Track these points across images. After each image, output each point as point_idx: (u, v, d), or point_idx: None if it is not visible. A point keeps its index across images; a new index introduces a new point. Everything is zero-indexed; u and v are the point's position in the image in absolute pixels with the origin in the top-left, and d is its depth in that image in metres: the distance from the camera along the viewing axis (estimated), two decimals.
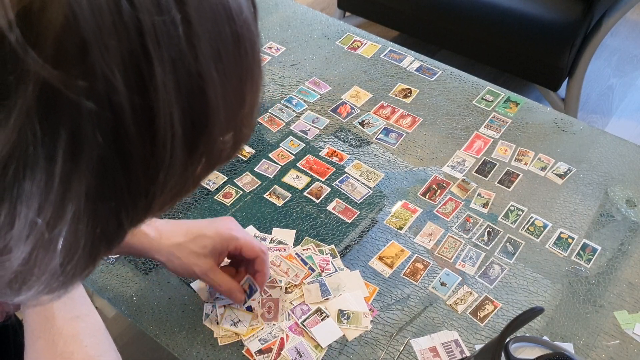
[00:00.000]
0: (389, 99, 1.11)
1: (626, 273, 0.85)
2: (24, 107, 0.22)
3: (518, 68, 2.04)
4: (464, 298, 0.82)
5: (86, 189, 0.25)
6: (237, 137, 0.30)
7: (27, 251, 0.26)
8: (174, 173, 0.27)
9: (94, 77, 0.23)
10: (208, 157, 0.29)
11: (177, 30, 0.24)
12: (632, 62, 2.46)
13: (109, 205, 0.26)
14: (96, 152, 0.24)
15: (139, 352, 1.45)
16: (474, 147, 1.02)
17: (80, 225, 0.26)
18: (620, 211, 0.93)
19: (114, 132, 0.24)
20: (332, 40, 1.25)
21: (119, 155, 0.25)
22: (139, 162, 0.26)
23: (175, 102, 0.25)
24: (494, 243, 0.89)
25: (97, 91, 0.23)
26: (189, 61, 0.25)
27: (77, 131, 0.23)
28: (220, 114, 0.28)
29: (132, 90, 0.24)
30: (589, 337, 0.78)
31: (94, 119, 0.23)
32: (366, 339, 0.78)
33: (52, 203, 0.24)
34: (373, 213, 0.93)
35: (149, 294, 0.83)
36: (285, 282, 0.82)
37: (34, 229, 0.25)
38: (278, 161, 1.01)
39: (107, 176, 0.25)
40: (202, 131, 0.27)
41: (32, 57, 0.21)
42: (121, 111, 0.24)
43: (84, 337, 0.56)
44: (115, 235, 0.28)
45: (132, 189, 0.26)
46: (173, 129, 0.26)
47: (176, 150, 0.26)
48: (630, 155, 1.01)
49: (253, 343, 0.76)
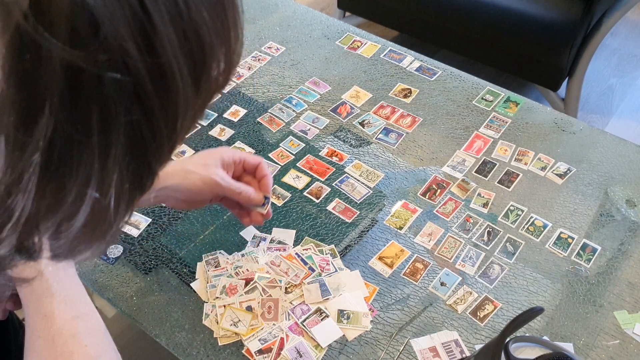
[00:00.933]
0: (389, 99, 1.11)
1: (626, 273, 0.85)
2: (57, 91, 0.24)
3: (518, 68, 2.04)
4: (464, 298, 0.82)
5: (122, 151, 0.27)
6: (229, 66, 0.32)
7: (81, 221, 0.28)
8: (187, 114, 0.30)
9: (110, 49, 0.24)
10: (208, 89, 0.31)
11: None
12: (632, 62, 2.46)
13: (142, 159, 0.29)
14: (123, 117, 0.26)
15: (139, 352, 1.45)
16: (474, 147, 1.02)
17: (123, 183, 0.29)
18: (620, 211, 0.93)
19: (135, 95, 0.26)
20: (332, 40, 1.25)
21: (143, 114, 0.27)
22: (160, 114, 0.28)
23: (179, 52, 0.27)
24: (493, 243, 0.89)
25: (116, 61, 0.24)
26: (182, 9, 0.27)
27: (105, 102, 0.25)
28: (214, 48, 0.29)
29: (143, 52, 0.25)
30: (589, 337, 0.78)
31: (118, 87, 0.25)
32: (366, 339, 0.78)
33: (97, 172, 0.27)
34: (373, 213, 0.93)
35: (149, 294, 0.83)
36: (285, 282, 0.82)
37: (86, 199, 0.27)
38: (278, 161, 1.00)
39: (137, 135, 0.27)
40: (202, 70, 0.29)
41: (52, 42, 0.23)
42: (138, 74, 0.25)
43: (83, 337, 0.56)
44: (148, 180, 0.31)
45: (158, 138, 0.29)
46: (182, 76, 0.28)
47: (187, 94, 0.29)
48: (630, 155, 1.01)
49: (253, 343, 0.76)
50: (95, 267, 0.86)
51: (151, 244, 0.89)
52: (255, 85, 1.15)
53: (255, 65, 1.19)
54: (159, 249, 0.88)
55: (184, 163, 0.76)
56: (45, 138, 0.25)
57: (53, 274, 0.58)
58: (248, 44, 1.24)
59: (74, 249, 0.31)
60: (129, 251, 0.88)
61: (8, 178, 0.25)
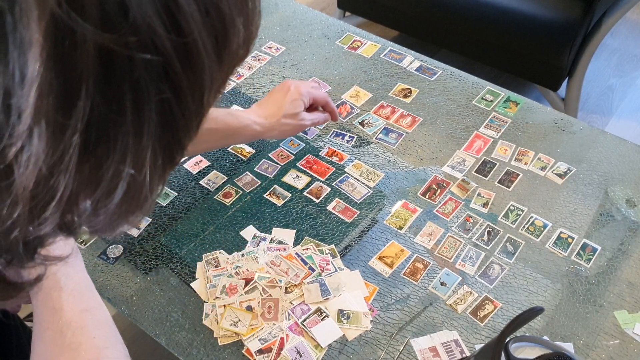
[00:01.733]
0: (389, 98, 1.11)
1: (626, 273, 0.85)
2: (91, 75, 0.25)
3: (518, 68, 2.04)
4: (464, 298, 0.82)
5: (154, 128, 0.28)
6: (247, 39, 0.33)
7: (119, 197, 0.30)
8: (212, 89, 0.31)
9: (139, 30, 0.25)
10: (230, 62, 0.32)
11: None
12: (632, 62, 2.46)
13: (172, 135, 0.30)
14: (154, 95, 0.27)
15: (139, 352, 1.45)
16: (474, 147, 1.02)
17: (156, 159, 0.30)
18: (620, 211, 0.93)
19: (165, 73, 0.27)
20: (332, 40, 1.25)
21: (172, 91, 0.28)
22: (188, 91, 0.29)
23: (202, 28, 0.28)
24: (494, 243, 0.89)
25: (145, 42, 0.25)
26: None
27: (136, 82, 0.26)
28: (234, 22, 0.30)
29: (170, 31, 0.26)
30: (589, 336, 0.78)
31: (148, 67, 0.26)
32: (366, 339, 0.78)
33: (132, 149, 0.28)
34: (373, 213, 0.93)
35: (149, 294, 0.83)
36: (285, 282, 0.82)
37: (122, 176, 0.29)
38: (278, 161, 1.00)
39: (167, 112, 0.29)
40: (224, 44, 0.30)
41: (85, 27, 0.24)
42: (166, 52, 0.26)
43: (92, 329, 0.56)
44: (179, 155, 0.32)
45: (186, 114, 0.30)
46: (207, 52, 0.28)
47: (212, 69, 0.30)
48: (630, 155, 1.01)
49: (253, 343, 0.76)
50: (95, 267, 0.86)
51: (151, 244, 0.89)
52: (255, 85, 1.15)
53: (255, 65, 1.19)
54: (159, 249, 0.88)
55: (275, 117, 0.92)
56: (83, 120, 0.26)
57: (62, 269, 0.58)
58: None
59: (112, 223, 0.32)
60: (129, 251, 0.88)
61: (50, 159, 0.26)
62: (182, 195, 0.95)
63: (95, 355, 0.55)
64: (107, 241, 0.89)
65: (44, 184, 0.27)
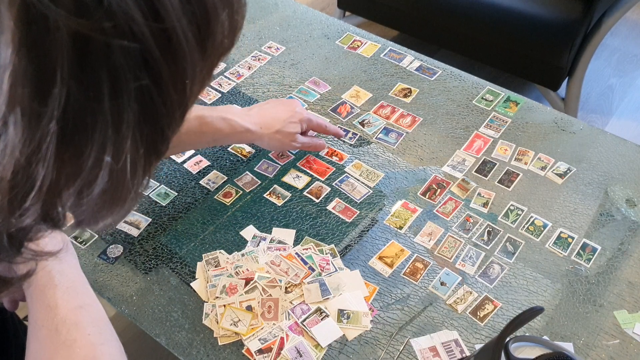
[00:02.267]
0: (388, 98, 1.11)
1: (626, 273, 0.85)
2: (66, 61, 0.24)
3: (518, 68, 2.04)
4: (464, 298, 0.82)
5: (134, 116, 0.28)
6: (232, 27, 0.33)
7: (101, 187, 0.29)
8: (195, 78, 0.30)
9: (114, 16, 0.25)
10: (214, 52, 0.32)
11: None
12: (632, 62, 2.46)
13: (154, 124, 0.30)
14: (133, 83, 0.27)
15: (139, 352, 1.45)
16: (474, 147, 1.02)
17: (138, 148, 0.29)
18: (620, 211, 0.93)
19: (143, 61, 0.27)
20: (332, 40, 1.25)
21: (151, 78, 0.27)
22: (168, 79, 0.28)
23: (182, 16, 0.27)
24: (493, 243, 0.89)
25: (121, 27, 0.25)
26: None
27: (114, 69, 0.26)
28: (217, 11, 0.30)
29: (147, 18, 0.26)
30: (589, 336, 0.78)
31: (125, 53, 0.26)
32: (366, 339, 0.78)
33: (111, 138, 0.28)
34: (373, 213, 0.93)
35: (149, 294, 0.83)
36: (285, 281, 0.82)
37: (102, 165, 0.28)
38: (278, 161, 1.00)
39: (148, 100, 0.28)
40: (207, 32, 0.30)
41: (57, 12, 0.23)
42: (144, 38, 0.26)
43: (86, 326, 0.56)
44: (163, 146, 0.32)
45: (168, 104, 0.29)
46: (187, 40, 0.28)
47: (194, 58, 0.29)
48: (630, 155, 1.01)
49: (253, 343, 0.76)
50: (95, 267, 0.86)
51: (151, 244, 0.89)
52: (255, 85, 1.15)
53: (255, 64, 1.19)
54: (159, 249, 0.88)
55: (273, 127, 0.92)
56: (60, 107, 0.25)
57: (56, 267, 0.59)
58: (248, 43, 1.24)
59: (96, 215, 0.32)
60: (129, 251, 0.88)
61: (27, 148, 0.26)
62: (182, 195, 0.95)
63: (91, 351, 0.55)
64: (107, 241, 0.89)
65: (22, 174, 0.27)
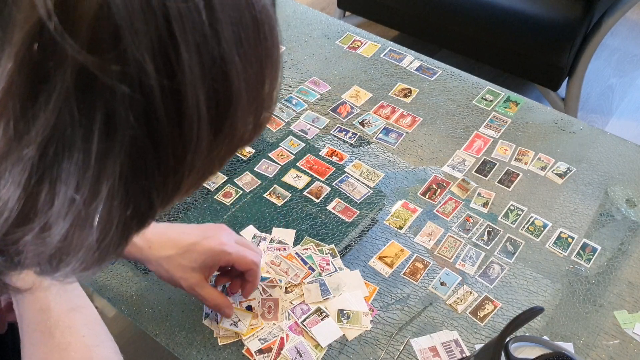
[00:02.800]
0: (388, 98, 1.11)
1: (626, 273, 0.85)
2: (63, 90, 0.24)
3: (518, 68, 2.04)
4: (464, 298, 0.82)
5: (120, 168, 0.26)
6: (258, 120, 0.32)
7: (65, 227, 0.27)
8: (200, 154, 0.29)
9: (126, 62, 0.24)
10: (231, 139, 0.31)
11: (201, 16, 0.26)
12: (632, 62, 2.46)
13: (141, 184, 0.28)
14: (129, 133, 0.25)
15: (139, 352, 1.45)
16: (474, 147, 1.02)
17: (115, 203, 0.27)
18: (620, 211, 0.93)
19: (145, 114, 0.25)
20: (332, 40, 1.25)
21: (149, 136, 0.26)
22: (168, 142, 0.27)
23: (200, 85, 0.26)
24: (493, 243, 0.89)
25: (130, 75, 0.24)
26: (213, 46, 0.26)
27: (111, 113, 0.25)
28: (242, 96, 0.29)
29: (161, 74, 0.25)
30: (589, 336, 0.78)
31: (127, 102, 0.25)
32: (366, 339, 0.78)
33: (89, 181, 0.26)
34: (373, 213, 0.93)
35: (149, 294, 0.83)
36: (285, 281, 0.82)
37: (73, 206, 0.27)
38: (278, 161, 1.00)
39: (139, 156, 0.27)
40: (226, 113, 0.29)
41: (70, 43, 0.23)
42: (151, 94, 0.25)
43: (80, 328, 0.56)
44: (147, 213, 0.30)
45: (162, 168, 0.28)
46: (199, 110, 0.27)
47: (202, 131, 0.28)
48: (630, 155, 1.01)
49: (253, 343, 0.76)
50: None
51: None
52: None
53: None
54: None
55: (163, 250, 0.71)
56: (44, 133, 0.24)
57: None
58: None
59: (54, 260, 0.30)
60: None
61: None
62: None
63: (86, 354, 0.55)
64: None
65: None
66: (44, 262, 0.30)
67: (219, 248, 0.72)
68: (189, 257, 0.71)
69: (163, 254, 0.71)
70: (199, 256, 0.71)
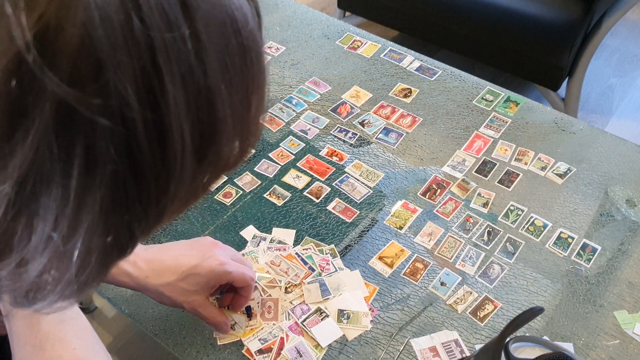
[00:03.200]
0: (389, 98, 1.11)
1: (626, 273, 0.85)
2: (42, 124, 0.23)
3: (518, 68, 2.04)
4: (464, 298, 0.82)
5: (100, 201, 0.25)
6: (244, 144, 0.31)
7: (43, 263, 0.26)
8: (184, 183, 0.28)
9: (108, 95, 0.23)
10: (216, 165, 0.30)
11: (187, 45, 0.25)
12: (632, 62, 2.46)
13: (121, 217, 0.27)
14: (110, 166, 0.25)
15: (139, 352, 1.45)
16: (474, 147, 1.02)
17: (94, 237, 0.26)
18: (620, 211, 0.93)
19: (127, 147, 0.25)
20: (332, 40, 1.25)
21: (131, 168, 0.25)
22: (151, 174, 0.26)
23: (185, 116, 0.26)
24: (494, 243, 0.89)
25: (111, 108, 0.23)
26: (199, 76, 0.26)
27: (91, 147, 0.24)
28: (227, 124, 0.28)
29: (144, 106, 0.24)
30: (589, 337, 0.78)
31: (108, 135, 0.24)
32: (366, 339, 0.78)
33: (68, 217, 0.25)
34: (373, 213, 0.93)
35: None
36: (285, 282, 0.82)
37: (50, 242, 0.26)
38: (278, 161, 1.00)
39: (120, 189, 0.26)
40: (210, 142, 0.28)
41: (49, 77, 0.22)
42: (134, 126, 0.24)
43: (71, 340, 0.55)
44: (128, 244, 0.29)
45: (144, 200, 0.27)
46: (183, 141, 0.26)
47: (186, 161, 0.27)
48: (630, 155, 1.01)
49: (253, 343, 0.76)
50: None
51: (151, 244, 0.88)
52: None
53: None
54: None
55: (163, 278, 0.69)
56: (21, 169, 0.23)
57: None
58: None
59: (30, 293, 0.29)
60: None
61: None
62: None
63: None
64: None
65: None
66: (20, 296, 0.29)
67: (221, 269, 0.71)
68: (191, 281, 0.70)
69: (163, 282, 0.69)
70: (202, 279, 0.70)
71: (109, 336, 1.44)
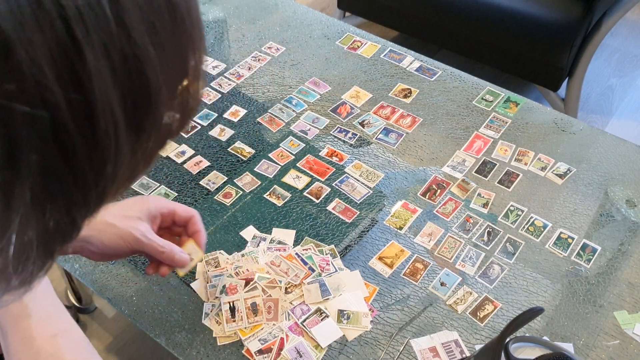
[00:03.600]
0: (389, 99, 1.11)
1: (626, 273, 0.85)
2: None
3: (518, 68, 2.04)
4: (464, 298, 0.82)
5: (30, 193, 0.23)
6: (185, 109, 0.29)
7: None
8: (122, 160, 0.26)
9: (22, 78, 0.21)
10: (157, 136, 0.28)
11: (104, 10, 0.22)
12: (632, 62, 2.46)
13: (57, 204, 0.25)
14: (35, 154, 0.22)
15: (139, 352, 1.45)
16: (474, 147, 1.02)
17: (30, 230, 0.25)
18: (620, 211, 0.93)
19: (52, 132, 0.22)
20: (332, 40, 1.25)
21: (60, 153, 0.23)
22: (83, 156, 0.24)
23: (112, 89, 0.23)
24: (494, 243, 0.89)
25: (28, 92, 0.21)
26: (122, 42, 0.23)
27: (12, 137, 0.22)
28: (162, 90, 0.26)
29: (65, 85, 0.22)
30: (589, 337, 0.78)
31: (29, 121, 0.22)
32: (366, 339, 0.78)
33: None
34: (373, 213, 0.93)
35: (149, 294, 0.83)
36: (285, 282, 0.82)
37: None
38: (278, 161, 1.01)
39: (51, 176, 0.24)
40: (146, 112, 0.26)
41: None
42: (57, 109, 0.22)
43: (64, 354, 0.55)
44: (70, 230, 0.27)
45: (80, 184, 0.25)
46: (114, 117, 0.24)
47: (121, 137, 0.25)
48: (630, 155, 1.01)
49: (253, 343, 0.76)
50: (95, 267, 0.86)
51: None
52: (255, 85, 1.15)
53: (255, 65, 1.19)
54: None
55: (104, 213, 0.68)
56: None
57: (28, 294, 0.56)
58: (248, 44, 1.24)
59: None
60: None
61: None
62: (182, 196, 0.95)
63: None
64: None
65: None
66: None
67: (158, 199, 0.73)
68: (134, 209, 0.70)
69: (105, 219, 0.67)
70: (143, 206, 0.70)
71: (109, 336, 1.44)
